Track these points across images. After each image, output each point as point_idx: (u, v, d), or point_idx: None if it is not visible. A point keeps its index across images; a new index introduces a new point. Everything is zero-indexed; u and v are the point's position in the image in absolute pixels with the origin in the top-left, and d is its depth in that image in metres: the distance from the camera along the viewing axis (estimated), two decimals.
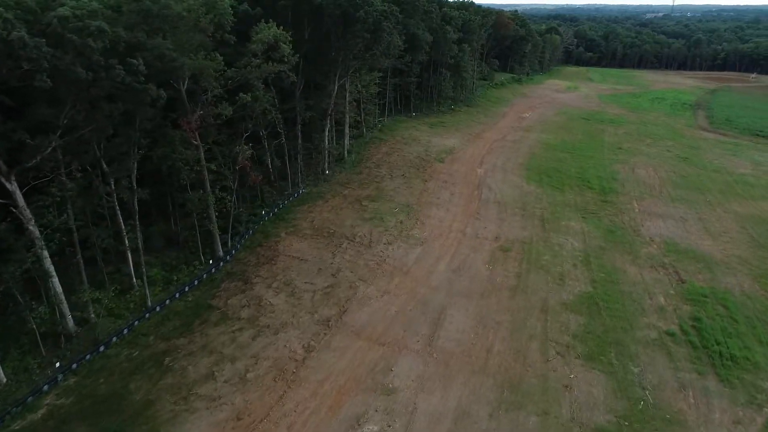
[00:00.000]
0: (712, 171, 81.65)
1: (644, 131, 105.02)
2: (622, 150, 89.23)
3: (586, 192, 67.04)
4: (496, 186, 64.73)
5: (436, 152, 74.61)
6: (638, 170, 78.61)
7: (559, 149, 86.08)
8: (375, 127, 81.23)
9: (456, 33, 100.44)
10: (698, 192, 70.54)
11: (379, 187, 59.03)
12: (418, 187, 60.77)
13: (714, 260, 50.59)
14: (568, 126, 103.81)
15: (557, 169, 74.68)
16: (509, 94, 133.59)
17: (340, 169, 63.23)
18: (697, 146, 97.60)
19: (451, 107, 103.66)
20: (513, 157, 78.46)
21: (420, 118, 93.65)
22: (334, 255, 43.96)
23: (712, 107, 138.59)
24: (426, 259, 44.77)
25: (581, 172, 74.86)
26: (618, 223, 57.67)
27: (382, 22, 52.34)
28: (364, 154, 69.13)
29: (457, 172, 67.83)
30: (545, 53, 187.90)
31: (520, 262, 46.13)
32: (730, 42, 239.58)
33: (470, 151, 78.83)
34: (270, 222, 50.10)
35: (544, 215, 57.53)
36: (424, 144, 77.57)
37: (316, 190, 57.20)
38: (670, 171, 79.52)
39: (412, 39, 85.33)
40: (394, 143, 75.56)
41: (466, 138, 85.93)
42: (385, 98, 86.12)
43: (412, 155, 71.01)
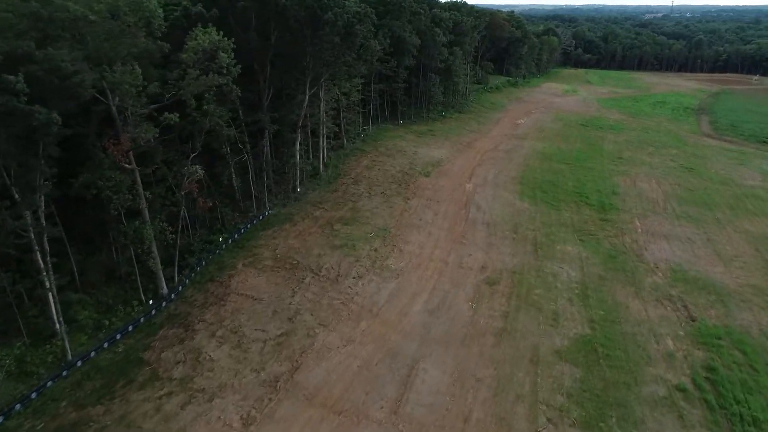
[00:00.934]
0: (719, 183, 76.16)
1: (646, 139, 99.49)
2: (623, 160, 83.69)
3: (584, 209, 61.46)
4: (485, 204, 59.13)
5: (422, 165, 69.00)
6: (640, 183, 73.09)
7: (555, 160, 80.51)
8: (357, 138, 75.67)
9: (446, 35, 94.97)
10: (706, 208, 65.01)
11: (355, 207, 53.39)
12: (398, 206, 55.15)
13: (727, 291, 45.06)
14: (566, 133, 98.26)
15: (553, 183, 69.08)
16: (504, 98, 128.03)
17: (314, 186, 57.61)
18: (702, 155, 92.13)
19: (441, 114, 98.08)
20: (506, 169, 72.87)
21: (407, 126, 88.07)
22: (295, 292, 38.33)
23: (715, 111, 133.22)
24: (400, 296, 39.15)
25: (579, 185, 69.27)
26: (619, 247, 52.10)
27: (354, 25, 46.75)
28: (342, 169, 63.51)
29: (443, 188, 62.23)
30: (542, 55, 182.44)
31: (508, 298, 40.52)
32: (732, 43, 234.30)
33: (459, 163, 73.22)
34: (228, 251, 44.47)
35: (538, 238, 51.93)
36: (410, 156, 71.96)
37: (284, 212, 51.57)
38: (675, 183, 74.00)
39: (398, 42, 79.86)
40: (376, 155, 69.95)
41: (456, 148, 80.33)
42: (369, 106, 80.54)
43: (395, 169, 65.40)
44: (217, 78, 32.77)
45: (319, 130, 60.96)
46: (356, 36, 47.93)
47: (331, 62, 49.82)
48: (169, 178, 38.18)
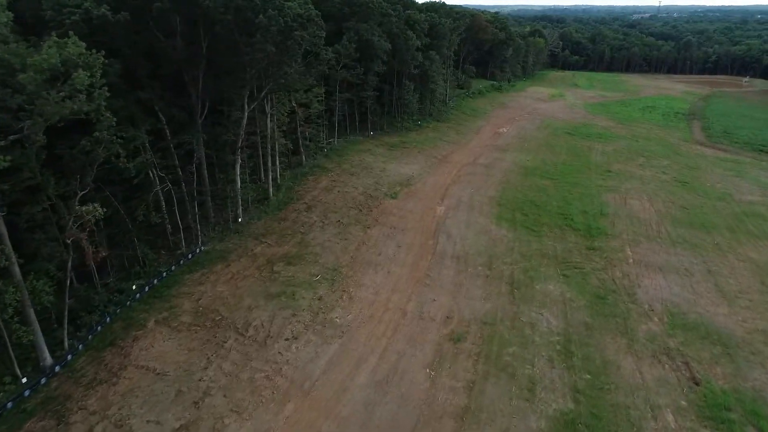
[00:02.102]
0: (716, 199, 69.88)
1: (636, 148, 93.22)
2: (612, 174, 77.15)
3: (569, 235, 54.66)
4: (457, 231, 52.07)
5: (390, 184, 61.84)
6: (631, 201, 66.54)
7: (538, 174, 73.73)
8: (320, 153, 68.37)
9: (421, 38, 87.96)
10: (703, 230, 58.54)
11: (304, 240, 46.05)
12: (356, 237, 47.90)
13: (734, 340, 38.41)
14: (551, 143, 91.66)
15: (535, 203, 62.23)
16: (487, 104, 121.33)
17: (261, 214, 50.20)
18: (696, 165, 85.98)
19: (417, 123, 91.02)
20: (483, 187, 65.89)
21: (379, 138, 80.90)
22: (210, 362, 30.94)
23: (707, 116, 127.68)
24: (342, 363, 31.90)
25: (564, 205, 62.50)
26: (608, 283, 45.28)
27: (293, 31, 39.45)
28: (296, 191, 56.17)
29: (411, 213, 55.11)
30: (528, 58, 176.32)
31: (475, 361, 33.42)
32: (721, 44, 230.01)
33: (432, 180, 66.15)
34: (142, 302, 36.97)
35: (515, 275, 44.93)
36: (377, 173, 64.77)
37: (220, 248, 44.12)
38: (668, 201, 67.54)
39: (366, 47, 72.69)
40: (339, 173, 62.65)
41: (430, 162, 73.28)
42: (335, 117, 73.26)
43: (358, 190, 58.16)
44: (78, 103, 25.23)
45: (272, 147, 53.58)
46: (297, 43, 40.62)
47: (271, 73, 42.50)
48: (53, 221, 30.66)
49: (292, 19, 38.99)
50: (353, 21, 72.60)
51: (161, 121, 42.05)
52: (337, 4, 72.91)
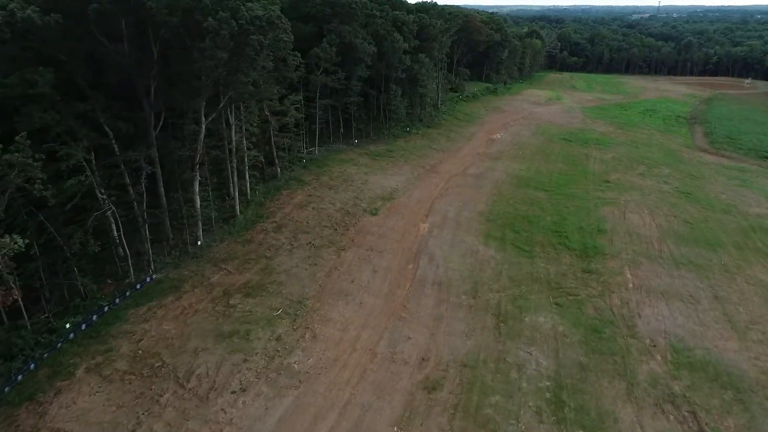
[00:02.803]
0: (721, 212, 65.56)
1: (636, 155, 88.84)
2: (610, 184, 72.76)
3: (564, 255, 50.29)
4: (441, 253, 47.67)
5: (370, 199, 57.45)
6: (631, 215, 62.19)
7: (532, 185, 69.35)
8: (298, 164, 63.95)
9: (410, 41, 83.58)
10: (709, 248, 54.22)
11: (269, 266, 41.61)
12: (327, 262, 43.47)
13: (747, 382, 34.11)
14: (546, 150, 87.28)
15: (527, 219, 57.86)
16: (481, 108, 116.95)
17: (224, 236, 45.79)
18: (699, 174, 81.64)
19: (406, 130, 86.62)
20: (472, 200, 61.49)
21: (363, 147, 76.48)
22: (140, 422, 26.51)
23: (709, 120, 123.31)
24: (296, 422, 27.46)
25: (558, 221, 58.14)
26: (605, 313, 40.92)
27: (249, 35, 35.03)
28: (267, 208, 51.76)
29: (391, 232, 50.73)
30: (525, 59, 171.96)
31: (451, 416, 29.00)
32: (722, 45, 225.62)
33: (418, 193, 61.75)
34: (76, 343, 32.56)
35: (502, 305, 40.53)
36: (358, 186, 60.36)
37: (173, 276, 39.67)
38: (671, 214, 63.18)
39: (349, 50, 68.32)
40: (316, 187, 58.24)
41: (417, 173, 68.89)
42: (316, 125, 68.86)
43: (335, 206, 53.76)
44: None
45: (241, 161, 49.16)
46: (255, 49, 36.13)
47: (230, 82, 38.09)
48: None
49: (248, 22, 34.54)
50: (335, 22, 68.23)
51: (107, 136, 37.69)
52: (318, 5, 68.57)
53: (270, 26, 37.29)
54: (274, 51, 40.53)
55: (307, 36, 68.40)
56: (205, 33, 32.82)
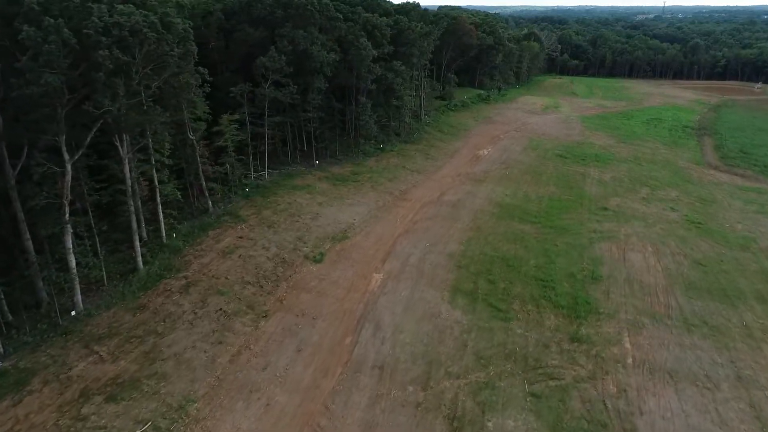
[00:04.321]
0: (738, 247, 55.77)
1: (639, 175, 78.95)
2: (609, 212, 62.93)
3: (548, 315, 40.59)
4: (391, 318, 38.00)
5: (317, 240, 47.79)
6: (632, 254, 52.50)
7: (517, 216, 59.58)
8: (238, 193, 54.40)
9: (384, 46, 74.00)
10: (726, 301, 44.54)
11: (155, 348, 31.94)
12: (238, 338, 33.83)
13: None
14: (538, 170, 77.45)
15: (507, 262, 48.14)
16: (470, 118, 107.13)
17: (114, 299, 36.15)
18: (711, 198, 71.71)
19: (379, 147, 76.91)
20: (443, 238, 51.81)
21: (325, 169, 66.81)
22: None
23: (719, 131, 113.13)
24: None
25: (545, 265, 48.44)
26: (596, 410, 31.21)
27: (95, 50, 25.43)
28: (182, 257, 42.14)
29: (334, 286, 41.08)
30: (522, 63, 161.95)
31: None
32: (730, 47, 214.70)
33: (379, 230, 52.10)
34: None
35: (460, 400, 30.84)
36: (305, 222, 50.73)
37: (24, 364, 29.97)
38: (679, 252, 53.41)
39: (304, 59, 58.76)
40: (253, 225, 48.63)
41: (383, 202, 59.21)
42: (265, 146, 59.29)
43: (269, 252, 44.12)
44: None
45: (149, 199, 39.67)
46: (108, 69, 26.51)
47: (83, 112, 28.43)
48: None
49: (99, 32, 25.01)
50: (288, 27, 58.68)
51: None
52: (268, 6, 59.06)
53: (135, 36, 27.70)
54: (158, 67, 31.01)
55: (257, 42, 59.01)
56: (26, 48, 23.32)
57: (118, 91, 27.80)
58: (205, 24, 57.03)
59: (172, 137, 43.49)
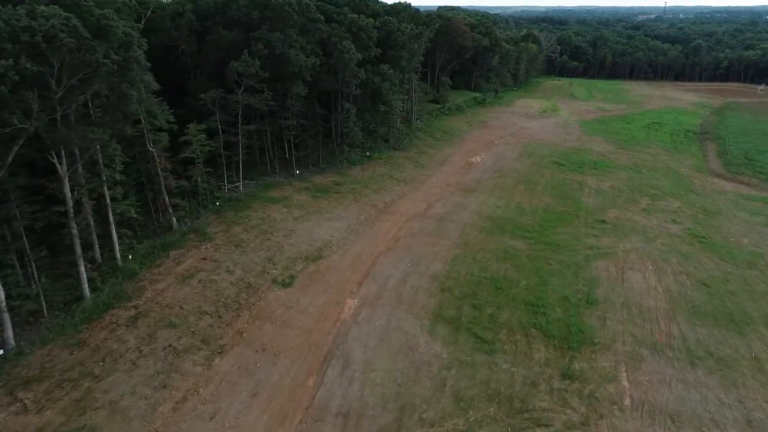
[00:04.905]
0: (745, 265, 52.17)
1: (639, 183, 75.20)
2: (607, 225, 59.22)
3: (537, 347, 36.91)
4: (362, 353, 34.28)
5: (289, 260, 44.05)
6: (631, 273, 48.87)
7: (509, 230, 55.85)
8: (208, 207, 50.73)
9: (371, 49, 70.32)
10: (733, 328, 40.94)
11: (89, 395, 28.12)
12: (186, 380, 30.08)
13: None
14: (533, 179, 73.70)
15: (496, 284, 44.41)
16: (464, 123, 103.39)
17: (53, 334, 32.45)
18: (714, 209, 67.97)
19: (365, 155, 73.20)
20: (427, 257, 48.08)
21: (306, 179, 63.11)
22: None
23: (722, 136, 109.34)
24: None
25: (536, 287, 44.72)
26: None
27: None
28: (137, 282, 38.43)
29: (303, 315, 37.38)
30: (520, 65, 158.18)
31: None
32: (733, 48, 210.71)
33: (358, 248, 48.39)
34: None
35: None
36: (277, 240, 47.03)
37: None
38: (681, 271, 49.76)
39: (281, 63, 55.13)
40: (219, 244, 44.94)
41: (365, 215, 55.51)
42: (239, 155, 55.61)
43: (234, 276, 40.40)
44: None
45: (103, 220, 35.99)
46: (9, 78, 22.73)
47: None
48: None
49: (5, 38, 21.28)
50: (264, 29, 55.01)
51: None
52: (243, 8, 55.40)
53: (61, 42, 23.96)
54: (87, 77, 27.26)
55: (232, 46, 55.36)
56: None
57: (32, 105, 24.14)
58: (176, 26, 53.35)
59: (129, 149, 39.84)
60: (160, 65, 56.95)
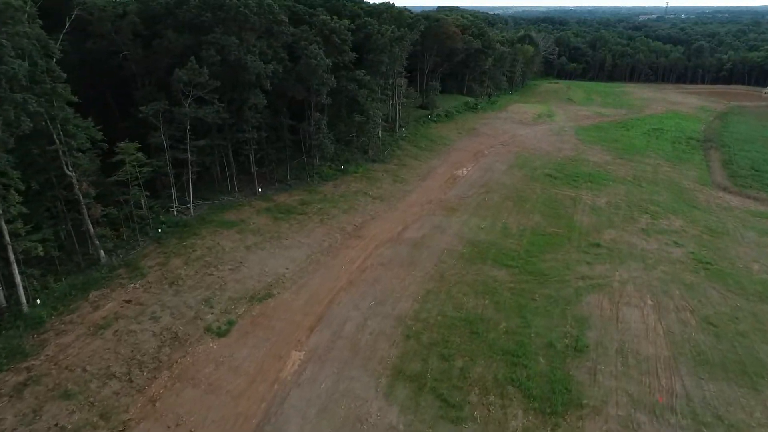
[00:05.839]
0: (757, 298, 46.46)
1: (638, 199, 69.22)
2: (602, 250, 53.31)
3: (513, 412, 31.05)
4: (300, 425, 28.29)
5: (231, 301, 38.10)
6: (627, 310, 43.09)
7: (491, 257, 49.89)
8: (149, 236, 44.78)
9: (346, 53, 64.46)
10: (745, 382, 35.28)
11: None
12: None
13: None
14: (522, 194, 67.71)
15: (471, 326, 38.50)
16: (453, 131, 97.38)
17: None
18: (721, 228, 62.07)
19: (339, 169, 67.21)
20: (394, 292, 42.11)
21: (269, 198, 57.14)
22: None
23: (727, 143, 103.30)
24: None
25: (518, 329, 38.82)
26: None
27: None
28: (40, 334, 32.48)
29: (234, 375, 31.41)
30: (516, 67, 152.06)
31: None
32: (736, 50, 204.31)
33: (315, 282, 42.42)
34: None
35: None
36: (221, 275, 41.05)
37: None
38: (685, 307, 43.98)
39: (237, 70, 49.24)
40: (150, 282, 38.95)
41: (329, 242, 49.55)
42: (189, 173, 49.65)
43: (159, 324, 34.45)
44: None
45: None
46: None
47: None
48: None
49: None
50: (218, 32, 49.12)
51: None
52: (193, 8, 49.51)
53: None
54: None
55: (183, 51, 49.48)
56: None
57: None
58: (116, 29, 47.48)
59: (41, 174, 34.02)
60: (98, 73, 51.41)
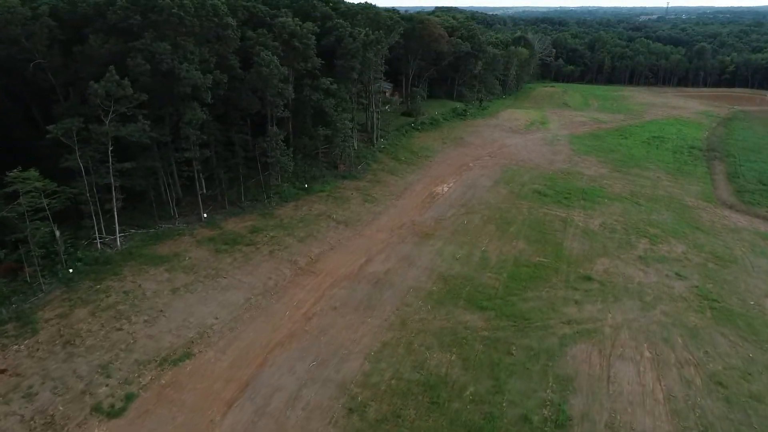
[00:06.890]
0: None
1: (635, 220, 62.41)
2: (593, 285, 46.57)
3: None
4: None
5: (135, 366, 31.32)
6: (620, 365, 36.65)
7: (464, 296, 43.08)
8: (58, 276, 38.02)
9: (310, 59, 57.80)
10: None
11: None
12: None
13: None
14: (506, 215, 60.92)
15: (431, 394, 31.76)
16: (437, 140, 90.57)
17: None
18: (728, 255, 55.38)
19: (303, 188, 60.38)
20: (342, 347, 35.30)
21: (215, 225, 50.36)
22: None
23: (732, 153, 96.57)
24: None
25: (488, 395, 32.16)
26: None
27: None
28: None
29: None
30: (509, 71, 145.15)
31: None
32: (740, 51, 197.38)
33: (247, 336, 35.61)
34: None
35: None
36: (133, 329, 34.26)
37: None
38: (689, 361, 37.58)
39: (171, 81, 42.50)
40: (41, 341, 32.10)
41: (276, 280, 42.74)
42: (113, 201, 42.92)
43: (34, 403, 27.59)
44: None
45: None
46: None
47: None
48: None
49: None
50: (148, 38, 42.41)
51: None
52: (120, 10, 42.79)
53: None
54: None
55: (110, 59, 42.77)
56: None
57: None
58: (27, 34, 40.80)
59: None
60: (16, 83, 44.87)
